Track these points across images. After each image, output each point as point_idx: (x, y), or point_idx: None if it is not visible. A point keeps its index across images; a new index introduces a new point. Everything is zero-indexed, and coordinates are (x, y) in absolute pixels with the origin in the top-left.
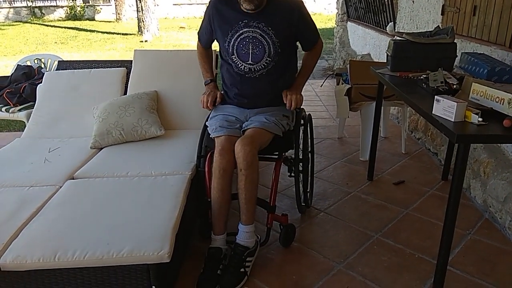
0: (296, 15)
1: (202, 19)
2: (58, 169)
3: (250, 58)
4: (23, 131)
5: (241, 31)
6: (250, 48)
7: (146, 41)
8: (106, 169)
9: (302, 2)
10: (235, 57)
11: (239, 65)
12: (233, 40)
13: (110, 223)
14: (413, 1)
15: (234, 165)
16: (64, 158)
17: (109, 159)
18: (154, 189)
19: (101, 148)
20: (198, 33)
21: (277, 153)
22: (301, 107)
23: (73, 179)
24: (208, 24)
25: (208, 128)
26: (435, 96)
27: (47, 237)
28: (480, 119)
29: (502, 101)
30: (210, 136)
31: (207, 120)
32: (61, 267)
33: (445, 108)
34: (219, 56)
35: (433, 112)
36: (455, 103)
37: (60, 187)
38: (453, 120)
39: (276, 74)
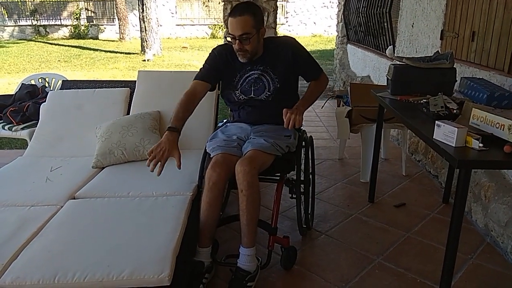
0: (289, 52)
1: (205, 63)
2: (59, 189)
3: (252, 93)
4: (25, 148)
5: (247, 74)
6: (252, 86)
7: (148, 60)
8: (107, 189)
9: (295, 39)
10: (238, 92)
11: (241, 97)
12: (241, 81)
13: (110, 244)
14: (412, 26)
15: (226, 181)
16: (66, 177)
17: (111, 179)
18: (155, 210)
19: (103, 168)
20: (199, 75)
21: (278, 174)
22: (303, 129)
23: (74, 198)
24: (215, 65)
25: (207, 148)
26: (436, 122)
27: (47, 258)
28: (481, 144)
29: (502, 127)
30: (210, 156)
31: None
32: None
33: (445, 133)
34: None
35: (434, 137)
36: (456, 128)
37: (61, 207)
38: (454, 145)
39: (276, 103)
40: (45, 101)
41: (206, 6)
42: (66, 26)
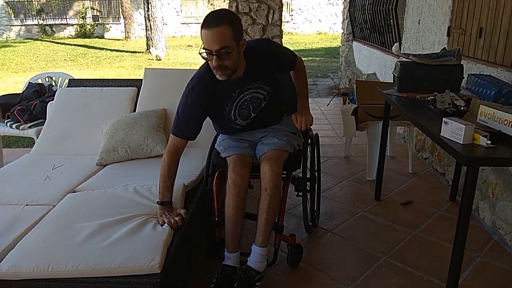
0: (270, 56)
1: (183, 109)
2: (56, 187)
3: (252, 113)
4: (32, 147)
5: (237, 101)
6: (251, 107)
7: (154, 59)
8: (106, 183)
9: (268, 40)
10: (239, 121)
11: (243, 124)
12: (233, 111)
13: (104, 235)
14: (418, 22)
15: (248, 180)
16: (66, 175)
17: (112, 174)
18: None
19: (105, 166)
20: (178, 130)
21: (285, 172)
22: None
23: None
24: (198, 111)
25: (217, 149)
26: (443, 118)
27: (43, 248)
28: (488, 141)
29: (510, 124)
30: (221, 155)
31: (214, 139)
32: (55, 277)
33: (453, 130)
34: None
35: (441, 134)
36: (464, 125)
37: (54, 206)
38: (461, 143)
39: (274, 103)
40: (52, 100)
41: (211, 4)
42: (72, 25)
